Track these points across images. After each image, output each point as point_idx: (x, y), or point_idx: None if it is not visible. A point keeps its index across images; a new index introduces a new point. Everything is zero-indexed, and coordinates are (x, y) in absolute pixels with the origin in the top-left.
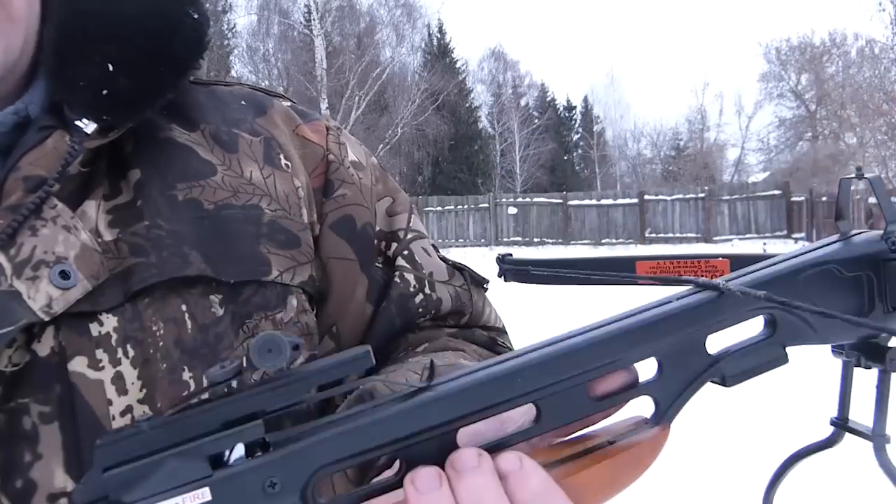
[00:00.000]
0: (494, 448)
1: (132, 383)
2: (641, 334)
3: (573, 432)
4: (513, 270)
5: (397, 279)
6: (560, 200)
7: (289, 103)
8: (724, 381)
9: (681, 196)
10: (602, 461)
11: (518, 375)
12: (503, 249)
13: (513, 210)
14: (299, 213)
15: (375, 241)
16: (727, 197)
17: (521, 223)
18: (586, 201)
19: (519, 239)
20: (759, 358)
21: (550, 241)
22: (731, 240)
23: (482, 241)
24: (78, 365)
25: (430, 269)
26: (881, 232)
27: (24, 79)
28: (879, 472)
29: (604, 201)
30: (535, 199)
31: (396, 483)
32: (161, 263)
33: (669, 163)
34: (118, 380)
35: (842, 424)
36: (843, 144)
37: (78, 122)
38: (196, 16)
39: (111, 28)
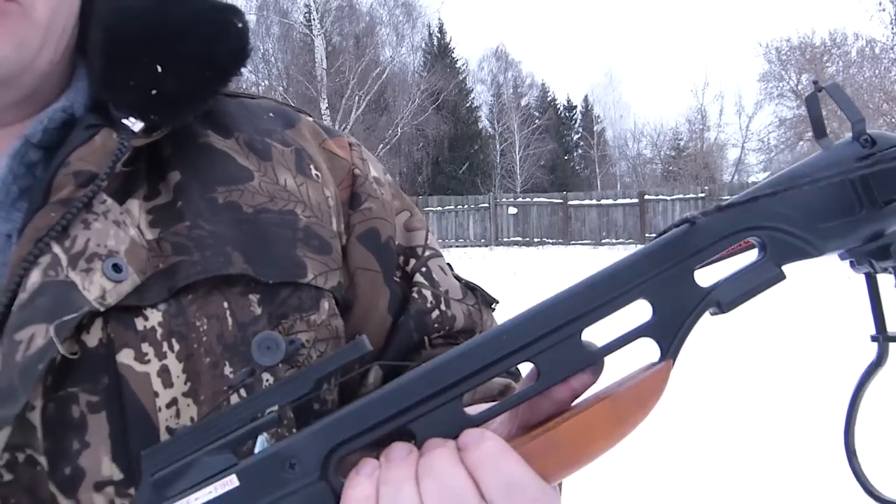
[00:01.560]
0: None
1: (177, 377)
2: (623, 275)
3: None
4: None
5: (415, 295)
6: (560, 200)
7: (312, 119)
8: (721, 308)
9: (681, 196)
10: (603, 400)
11: (504, 334)
12: (503, 249)
13: (513, 210)
14: (330, 222)
15: (396, 255)
16: (727, 197)
17: (522, 223)
18: (586, 201)
19: (519, 239)
20: (755, 279)
21: (550, 241)
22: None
23: (482, 241)
24: (125, 357)
25: (445, 287)
26: (851, 134)
27: (62, 79)
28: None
29: (604, 201)
30: (535, 199)
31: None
32: (204, 261)
33: (669, 163)
34: (164, 373)
35: (884, 337)
36: None
37: (125, 121)
38: (239, 25)
39: (159, 32)
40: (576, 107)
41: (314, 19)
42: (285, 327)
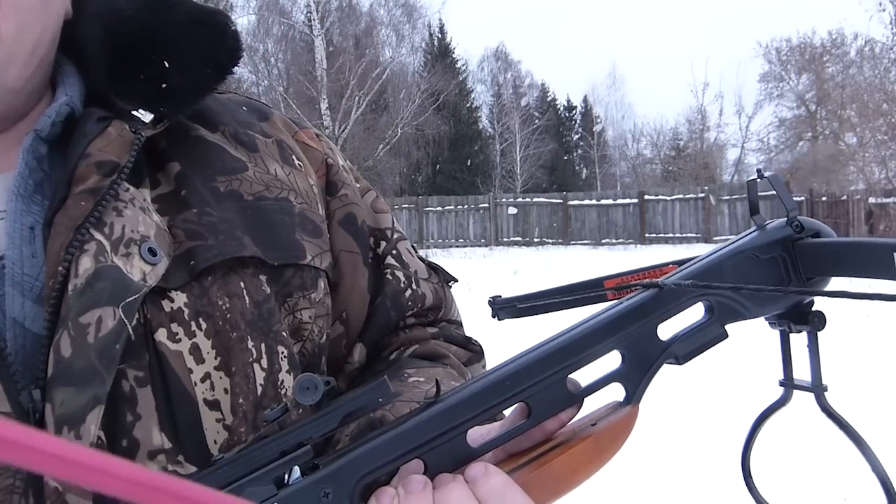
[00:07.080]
0: (496, 445)
1: (207, 353)
2: (602, 333)
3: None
4: (503, 308)
5: (389, 276)
6: (560, 200)
7: (280, 112)
8: (678, 360)
9: (681, 196)
10: (587, 439)
11: (507, 380)
12: (503, 249)
13: (513, 210)
14: (317, 207)
15: (367, 237)
16: (727, 197)
17: (521, 223)
18: (586, 201)
19: (519, 239)
20: (704, 337)
21: (550, 241)
22: (730, 240)
23: (482, 241)
24: (161, 336)
25: (414, 268)
26: (786, 219)
27: (43, 86)
28: (824, 418)
29: (604, 201)
30: (535, 199)
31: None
32: (220, 245)
33: (669, 163)
34: (195, 350)
35: (788, 384)
36: (843, 144)
37: (135, 113)
38: (233, 28)
39: (161, 30)
40: (576, 107)
41: (314, 19)
42: (290, 305)
